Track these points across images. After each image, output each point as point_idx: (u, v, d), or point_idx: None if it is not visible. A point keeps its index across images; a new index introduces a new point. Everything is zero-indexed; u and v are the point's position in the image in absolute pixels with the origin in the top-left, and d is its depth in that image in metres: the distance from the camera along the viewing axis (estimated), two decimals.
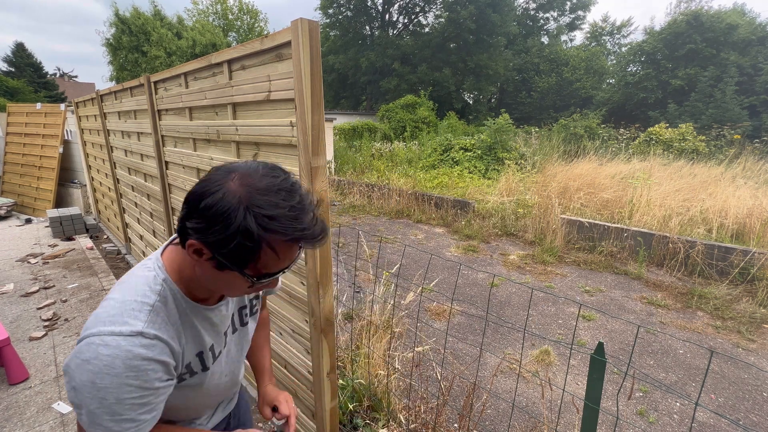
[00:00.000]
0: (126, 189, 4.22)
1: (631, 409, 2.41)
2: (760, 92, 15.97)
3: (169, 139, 2.75)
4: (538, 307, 3.72)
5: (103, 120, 4.42)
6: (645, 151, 10.35)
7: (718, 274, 4.29)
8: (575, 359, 2.91)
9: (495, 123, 10.71)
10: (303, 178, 1.42)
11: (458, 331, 3.30)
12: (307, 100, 1.31)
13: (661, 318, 3.55)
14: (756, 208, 5.19)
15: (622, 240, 4.96)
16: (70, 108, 6.77)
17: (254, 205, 0.61)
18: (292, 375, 1.97)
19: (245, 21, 27.19)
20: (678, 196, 6.07)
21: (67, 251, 5.10)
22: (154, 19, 20.37)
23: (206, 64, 1.99)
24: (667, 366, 2.84)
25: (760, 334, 3.28)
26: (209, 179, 0.65)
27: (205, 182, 0.65)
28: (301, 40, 1.26)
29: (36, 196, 7.06)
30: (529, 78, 24.83)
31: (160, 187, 3.01)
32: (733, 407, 2.45)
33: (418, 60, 24.43)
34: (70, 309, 3.53)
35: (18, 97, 19.94)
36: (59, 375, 2.60)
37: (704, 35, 17.75)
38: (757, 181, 7.33)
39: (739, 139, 11.41)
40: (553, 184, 6.77)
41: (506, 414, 2.35)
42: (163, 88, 2.66)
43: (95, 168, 5.64)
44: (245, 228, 0.60)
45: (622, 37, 30.06)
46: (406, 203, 7.38)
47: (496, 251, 5.30)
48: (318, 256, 1.48)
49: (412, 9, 27.15)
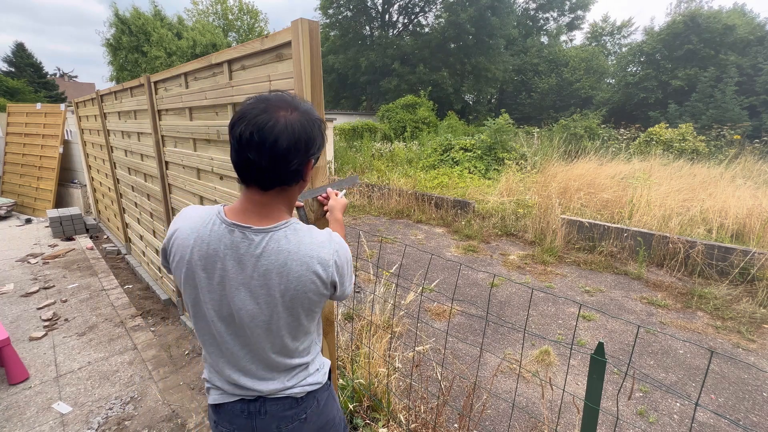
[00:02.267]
0: (126, 189, 4.23)
1: (631, 410, 2.41)
2: (760, 92, 15.97)
3: (169, 139, 2.75)
4: (538, 308, 3.72)
5: (103, 120, 4.42)
6: (645, 152, 10.35)
7: (718, 274, 4.29)
8: (575, 359, 2.91)
9: (495, 123, 10.71)
10: None
11: (458, 331, 3.30)
12: (307, 100, 1.31)
13: (661, 318, 3.55)
14: (756, 208, 5.20)
15: (622, 240, 4.96)
16: (70, 108, 6.78)
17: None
18: None
19: (245, 21, 27.22)
20: (678, 196, 6.08)
21: (67, 251, 5.10)
22: (154, 19, 20.38)
23: (206, 64, 1.99)
24: (667, 366, 2.84)
25: (760, 334, 3.28)
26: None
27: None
28: (301, 40, 1.26)
29: (36, 196, 7.06)
30: (528, 78, 24.84)
31: (160, 187, 3.01)
32: (733, 407, 2.45)
33: (418, 60, 24.43)
34: (70, 309, 3.53)
35: (18, 97, 19.93)
36: (59, 375, 2.60)
37: (703, 36, 17.76)
38: (756, 181, 7.33)
39: (739, 140, 11.41)
40: (553, 185, 6.78)
41: (506, 414, 2.35)
42: (164, 88, 2.66)
43: (95, 168, 5.64)
44: None
45: (622, 37, 30.10)
46: (406, 203, 7.38)
47: (496, 251, 5.30)
48: None
49: (412, 9, 27.15)
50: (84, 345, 2.96)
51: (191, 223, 0.90)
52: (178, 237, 0.90)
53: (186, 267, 0.89)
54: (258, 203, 0.88)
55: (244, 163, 0.82)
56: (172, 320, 3.38)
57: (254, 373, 0.96)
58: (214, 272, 0.87)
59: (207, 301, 0.90)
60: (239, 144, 0.80)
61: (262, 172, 0.83)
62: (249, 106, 0.81)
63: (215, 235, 0.87)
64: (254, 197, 0.88)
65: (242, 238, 0.86)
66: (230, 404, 0.99)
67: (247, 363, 0.95)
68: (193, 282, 0.90)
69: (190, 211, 0.94)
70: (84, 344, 2.97)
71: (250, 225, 0.87)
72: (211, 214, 0.90)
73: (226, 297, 0.88)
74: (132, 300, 3.75)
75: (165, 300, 3.67)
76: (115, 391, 2.46)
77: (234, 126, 0.81)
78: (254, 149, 0.79)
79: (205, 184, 2.34)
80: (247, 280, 0.86)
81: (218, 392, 1.00)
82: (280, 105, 0.82)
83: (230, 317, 0.90)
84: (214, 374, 1.00)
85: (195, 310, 0.94)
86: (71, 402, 2.35)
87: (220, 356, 0.96)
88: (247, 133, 0.78)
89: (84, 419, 2.21)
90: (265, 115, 0.79)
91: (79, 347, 2.93)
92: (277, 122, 0.79)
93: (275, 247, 0.86)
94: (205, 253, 0.87)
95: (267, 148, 0.79)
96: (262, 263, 0.86)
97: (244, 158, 0.81)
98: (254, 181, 0.86)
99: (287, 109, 0.82)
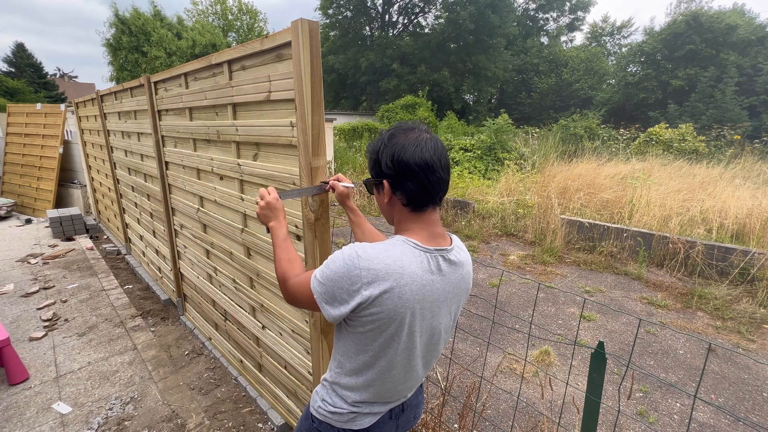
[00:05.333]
0: (126, 189, 4.22)
1: (632, 410, 2.41)
2: (760, 92, 15.98)
3: (169, 140, 2.75)
4: (538, 308, 3.72)
5: (103, 120, 4.42)
6: (645, 152, 10.36)
7: (718, 275, 4.29)
8: (575, 359, 2.91)
9: (495, 123, 10.71)
10: (303, 178, 1.42)
11: (458, 331, 3.30)
12: (307, 100, 1.31)
13: (661, 318, 3.55)
14: (756, 208, 5.20)
15: (622, 240, 4.96)
16: (70, 108, 6.77)
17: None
18: (292, 375, 1.97)
19: (245, 21, 27.22)
20: (678, 196, 6.08)
21: (67, 251, 5.10)
22: (154, 19, 20.39)
23: (206, 64, 1.99)
24: (668, 366, 2.84)
25: (760, 334, 3.28)
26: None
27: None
28: (301, 40, 1.26)
29: (36, 196, 7.06)
30: (528, 78, 24.86)
31: (160, 187, 3.01)
32: (733, 408, 2.45)
33: (418, 60, 24.45)
34: (70, 309, 3.53)
35: (18, 97, 19.92)
36: (59, 375, 2.60)
37: (704, 36, 17.77)
38: (756, 182, 7.33)
39: (738, 140, 11.42)
40: (552, 185, 6.78)
41: (506, 414, 2.35)
42: (164, 89, 2.66)
43: (95, 168, 5.64)
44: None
45: (622, 37, 30.13)
46: None
47: (496, 251, 5.31)
48: (318, 257, 1.48)
49: (412, 9, 27.17)
50: (84, 345, 2.96)
51: (407, 279, 0.82)
52: (392, 296, 0.81)
53: (408, 317, 0.85)
54: (437, 221, 0.93)
55: (437, 185, 0.87)
56: (172, 320, 3.38)
57: (418, 381, 1.04)
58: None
59: (419, 331, 0.89)
60: (433, 168, 0.85)
61: (446, 186, 0.91)
62: (406, 135, 0.88)
63: (430, 275, 0.86)
64: (433, 216, 0.92)
65: (443, 260, 0.89)
66: (380, 420, 1.01)
67: (420, 376, 1.01)
68: (411, 326, 0.87)
69: (391, 264, 0.81)
70: (84, 344, 2.97)
71: (445, 247, 0.90)
72: (415, 255, 0.85)
73: (435, 318, 0.91)
74: (132, 300, 3.75)
75: (165, 300, 3.67)
76: (115, 391, 2.46)
77: (416, 148, 0.85)
78: (445, 168, 0.88)
79: (205, 185, 2.34)
80: (445, 295, 0.91)
81: (373, 416, 0.99)
82: (415, 127, 0.91)
83: (431, 337, 0.94)
84: (378, 401, 0.98)
85: (397, 345, 0.88)
86: (71, 402, 2.35)
87: (405, 381, 0.97)
88: (435, 158, 0.86)
89: (84, 419, 2.21)
90: (429, 138, 0.87)
91: (79, 347, 2.93)
92: (436, 139, 0.89)
93: (461, 258, 0.94)
94: (429, 296, 0.87)
95: (447, 162, 0.89)
96: (454, 276, 0.91)
97: (438, 179, 0.87)
98: (439, 200, 0.91)
99: (422, 129, 0.91)
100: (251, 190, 1.90)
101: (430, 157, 0.84)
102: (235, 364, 2.62)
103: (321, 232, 1.46)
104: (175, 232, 3.06)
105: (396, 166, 0.86)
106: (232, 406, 2.35)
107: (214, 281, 2.60)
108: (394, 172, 0.87)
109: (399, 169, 0.86)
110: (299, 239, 1.60)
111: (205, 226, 2.52)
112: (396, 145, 0.86)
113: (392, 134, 0.89)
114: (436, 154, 0.85)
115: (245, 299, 2.23)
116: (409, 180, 0.86)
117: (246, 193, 1.95)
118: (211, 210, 2.37)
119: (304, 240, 1.52)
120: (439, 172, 0.86)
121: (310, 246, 1.48)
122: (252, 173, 1.82)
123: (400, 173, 0.86)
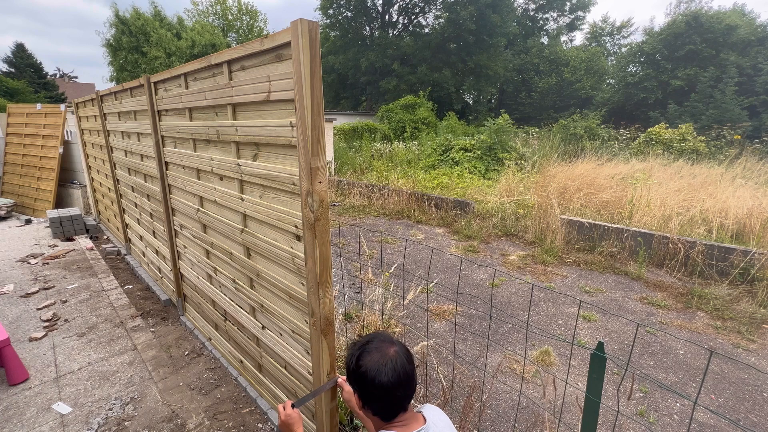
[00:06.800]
0: (126, 189, 4.23)
1: (632, 410, 2.41)
2: (760, 92, 15.97)
3: (169, 140, 2.75)
4: (538, 308, 3.72)
5: (103, 121, 4.42)
6: (645, 152, 10.35)
7: (718, 275, 4.29)
8: (575, 360, 2.91)
9: (495, 123, 10.72)
10: (303, 178, 1.42)
11: (458, 331, 3.30)
12: (307, 100, 1.31)
13: (661, 318, 3.54)
14: (756, 208, 5.19)
15: (622, 240, 4.96)
16: (70, 108, 6.78)
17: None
18: (292, 375, 1.97)
19: (244, 21, 27.23)
20: (678, 196, 6.07)
21: (67, 252, 5.10)
22: (153, 19, 20.40)
23: (206, 64, 1.99)
24: (668, 366, 2.84)
25: (760, 334, 3.28)
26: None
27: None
28: (301, 40, 1.26)
29: (36, 196, 7.06)
30: (529, 78, 24.84)
31: (160, 187, 3.01)
32: (733, 408, 2.45)
33: (418, 60, 24.44)
34: (69, 309, 3.53)
35: (18, 97, 19.91)
36: (59, 375, 2.60)
37: (704, 36, 17.76)
38: (757, 182, 7.32)
39: (739, 140, 11.41)
40: (552, 185, 6.77)
41: (506, 414, 2.35)
42: (163, 89, 2.66)
43: (95, 168, 5.64)
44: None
45: (622, 37, 30.10)
46: (406, 204, 7.38)
47: (496, 252, 5.30)
48: (318, 257, 1.48)
49: (412, 9, 27.16)
50: (84, 345, 2.96)
51: None
52: None
53: None
54: (410, 418, 1.06)
55: (402, 400, 1.03)
56: (171, 321, 3.38)
57: None
58: None
59: None
60: (393, 390, 1.00)
61: (412, 391, 1.06)
62: (371, 357, 1.04)
63: None
64: (404, 416, 1.06)
65: None
66: None
67: None
68: None
69: None
70: (84, 345, 2.97)
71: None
72: None
73: None
74: (132, 300, 3.75)
75: (165, 300, 3.67)
76: (115, 391, 2.45)
77: (376, 374, 1.00)
78: (405, 383, 1.02)
79: (205, 185, 2.34)
80: None
81: None
82: (380, 346, 1.07)
83: None
84: None
85: None
86: (71, 402, 2.34)
87: None
88: (395, 379, 1.00)
89: (84, 420, 2.21)
90: (390, 357, 1.03)
91: (79, 348, 2.93)
92: (401, 355, 1.05)
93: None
94: None
95: (409, 375, 1.04)
96: None
97: (401, 395, 1.02)
98: (406, 405, 1.05)
99: (391, 343, 1.08)
100: (251, 190, 1.90)
101: (389, 380, 0.99)
102: (235, 365, 2.62)
103: (321, 232, 1.46)
104: (175, 232, 3.06)
105: (361, 389, 1.05)
106: (232, 406, 2.35)
107: (214, 281, 2.60)
108: (361, 393, 1.05)
109: (364, 392, 1.04)
110: (299, 239, 1.60)
111: (204, 227, 2.52)
112: (360, 367, 1.03)
113: (359, 356, 1.05)
114: (395, 373, 1.00)
115: (245, 299, 2.23)
116: (373, 401, 1.03)
117: (246, 193, 1.95)
118: (210, 210, 2.37)
119: (304, 240, 1.52)
120: (401, 389, 1.00)
121: (310, 246, 1.48)
122: (252, 173, 1.82)
123: (366, 395, 1.04)
